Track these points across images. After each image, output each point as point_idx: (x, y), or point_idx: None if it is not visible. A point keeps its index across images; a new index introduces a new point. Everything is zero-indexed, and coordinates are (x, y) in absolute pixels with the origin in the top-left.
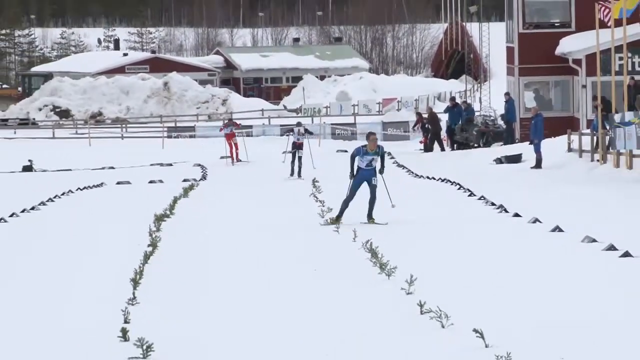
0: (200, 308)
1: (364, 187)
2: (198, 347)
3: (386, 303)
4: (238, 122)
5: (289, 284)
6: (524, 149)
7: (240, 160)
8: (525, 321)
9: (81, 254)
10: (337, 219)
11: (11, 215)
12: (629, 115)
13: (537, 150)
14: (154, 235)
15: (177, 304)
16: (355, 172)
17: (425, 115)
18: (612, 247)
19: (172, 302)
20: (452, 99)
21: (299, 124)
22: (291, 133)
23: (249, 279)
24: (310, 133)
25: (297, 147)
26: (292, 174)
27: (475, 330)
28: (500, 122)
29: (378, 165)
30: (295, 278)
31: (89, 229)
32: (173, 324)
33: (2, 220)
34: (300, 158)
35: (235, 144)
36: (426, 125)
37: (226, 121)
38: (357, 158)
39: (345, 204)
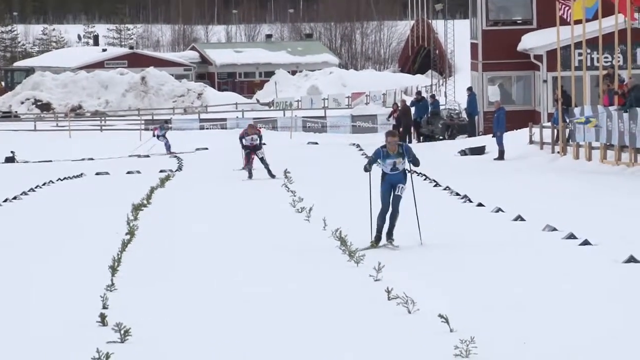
0: (177, 294)
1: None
2: (174, 332)
3: (355, 289)
4: (259, 126)
5: (262, 270)
6: (488, 141)
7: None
8: (488, 307)
9: (61, 242)
10: (375, 243)
11: None
12: (587, 110)
13: (500, 143)
14: (131, 224)
15: (155, 290)
16: (381, 178)
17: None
18: (571, 236)
19: (149, 288)
20: (419, 93)
21: (251, 127)
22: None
23: (222, 266)
24: (261, 138)
25: (252, 149)
26: (250, 177)
27: (441, 316)
28: (465, 115)
29: (406, 166)
30: (267, 264)
31: (68, 218)
32: (150, 309)
33: None
34: (262, 159)
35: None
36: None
37: (247, 127)
38: (378, 163)
39: (381, 219)
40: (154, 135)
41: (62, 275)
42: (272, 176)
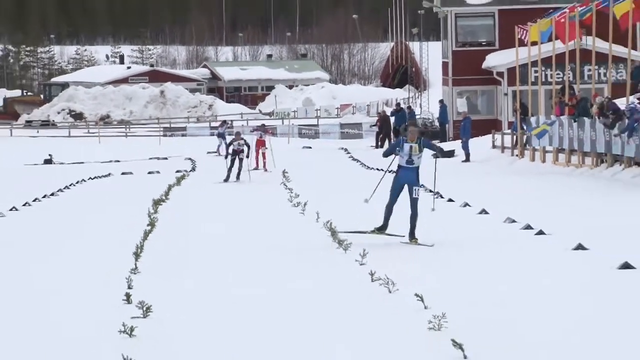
0: (193, 276)
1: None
2: (190, 308)
3: (342, 272)
4: (268, 128)
5: (264, 257)
6: (456, 146)
7: (267, 170)
8: (459, 288)
9: (91, 231)
10: (381, 229)
11: (34, 200)
12: (542, 119)
13: (465, 147)
14: (152, 217)
15: (173, 274)
16: (396, 172)
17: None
18: (528, 227)
19: (168, 271)
20: (398, 104)
21: (237, 134)
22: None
23: (230, 251)
24: (248, 147)
25: (237, 153)
26: (226, 180)
27: (417, 295)
28: (437, 123)
29: (420, 164)
30: (268, 252)
31: (98, 211)
32: (169, 290)
33: (27, 204)
34: (241, 160)
35: (264, 153)
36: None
37: (256, 126)
38: (397, 150)
39: (389, 210)
40: (216, 135)
41: (92, 259)
42: (237, 179)
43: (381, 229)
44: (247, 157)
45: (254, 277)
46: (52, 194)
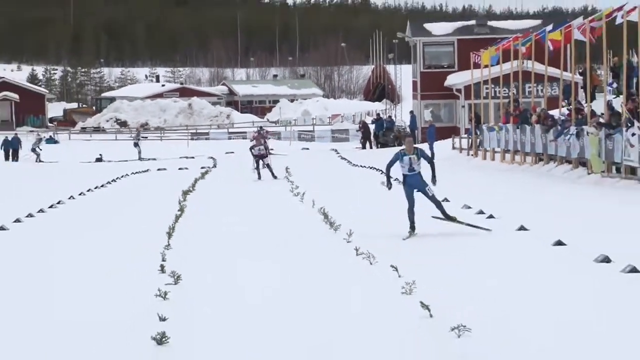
0: (214, 251)
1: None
2: (213, 276)
3: (331, 248)
4: (265, 132)
5: (272, 236)
6: (424, 147)
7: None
8: (429, 260)
9: (132, 215)
10: (412, 231)
11: (88, 190)
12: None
13: (431, 149)
14: (181, 204)
15: (199, 248)
16: (402, 182)
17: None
18: (481, 211)
19: (195, 247)
20: (377, 114)
21: (257, 141)
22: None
23: (244, 231)
24: (267, 149)
25: (260, 157)
26: (259, 178)
27: (392, 266)
28: (408, 130)
29: (421, 169)
30: (275, 232)
31: (138, 199)
32: (196, 261)
33: (82, 194)
34: (268, 165)
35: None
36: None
37: (255, 133)
38: (397, 164)
39: (411, 212)
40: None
41: (133, 237)
42: (275, 177)
43: (412, 230)
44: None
45: (264, 251)
46: (102, 186)
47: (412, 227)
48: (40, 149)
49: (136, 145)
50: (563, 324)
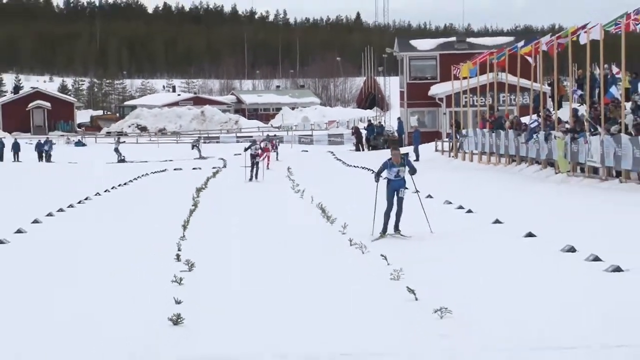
0: (225, 241)
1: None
2: (224, 264)
3: (327, 237)
4: (273, 140)
5: (274, 227)
6: (410, 149)
7: (268, 168)
8: (416, 251)
9: (151, 208)
10: (382, 234)
11: (112, 187)
12: (470, 131)
13: (416, 151)
14: (195, 200)
15: (211, 239)
16: (387, 183)
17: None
18: (460, 207)
19: (208, 238)
20: (369, 121)
21: (254, 142)
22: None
23: (251, 222)
24: (262, 149)
25: (254, 157)
26: (250, 179)
27: (382, 255)
28: (396, 134)
29: (406, 176)
30: (277, 224)
31: (157, 194)
32: (208, 251)
33: (106, 191)
34: (257, 163)
35: (268, 156)
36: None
37: (263, 137)
38: (385, 171)
39: (387, 216)
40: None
41: (151, 229)
42: (254, 178)
43: (384, 232)
44: (262, 160)
45: (269, 241)
46: (125, 183)
47: (384, 230)
48: (120, 153)
49: (116, 150)
50: (532, 305)
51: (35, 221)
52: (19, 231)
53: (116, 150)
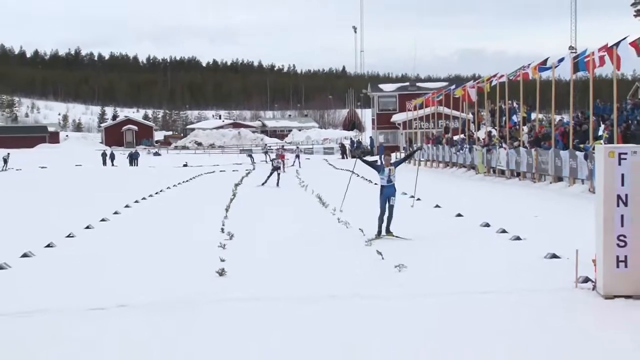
0: (256, 218)
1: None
2: (256, 234)
3: (322, 219)
4: (283, 153)
5: (287, 209)
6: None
7: (284, 171)
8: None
9: (204, 197)
10: (378, 235)
11: (174, 185)
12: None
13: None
14: (234, 191)
15: (247, 218)
16: (380, 191)
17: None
18: (412, 196)
19: (244, 218)
20: (351, 139)
21: (277, 156)
22: (270, 157)
23: (273, 207)
24: (284, 164)
25: (276, 168)
26: (263, 184)
27: (360, 229)
28: (369, 147)
29: (395, 180)
30: (288, 207)
31: (208, 187)
32: (245, 225)
33: (168, 188)
34: (279, 174)
35: (283, 162)
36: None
37: (279, 148)
38: (378, 175)
39: (380, 220)
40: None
41: (203, 212)
42: (277, 185)
43: (378, 235)
44: (284, 171)
45: (284, 218)
46: (187, 181)
47: (379, 232)
48: (269, 156)
49: (250, 156)
50: (461, 263)
51: (136, 201)
52: (127, 206)
53: (250, 156)
